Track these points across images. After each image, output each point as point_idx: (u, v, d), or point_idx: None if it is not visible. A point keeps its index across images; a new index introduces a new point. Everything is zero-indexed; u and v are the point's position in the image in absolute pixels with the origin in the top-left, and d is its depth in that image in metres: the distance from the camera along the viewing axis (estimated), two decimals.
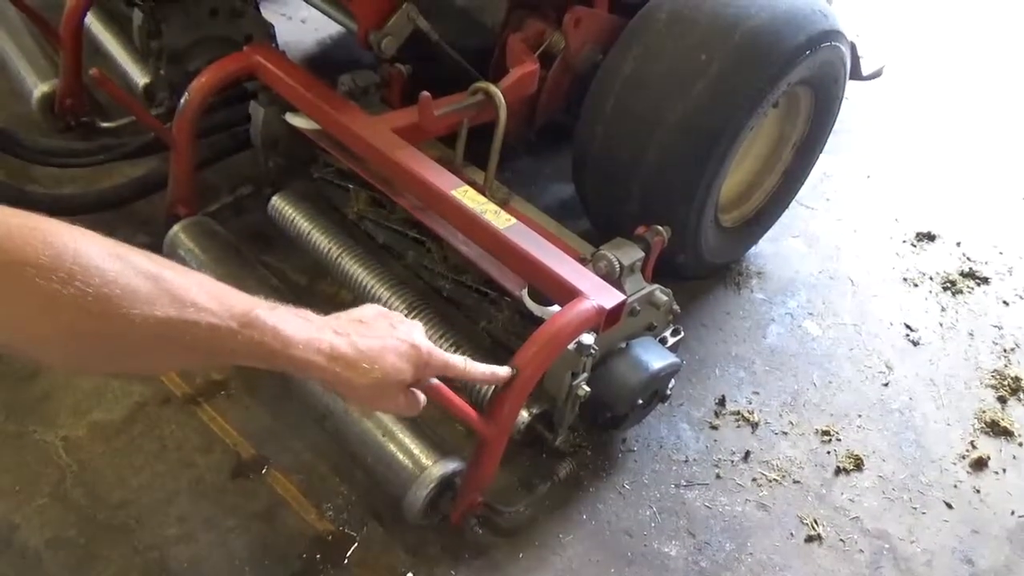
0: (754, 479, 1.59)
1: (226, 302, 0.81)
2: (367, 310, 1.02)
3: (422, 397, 1.05)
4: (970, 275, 2.19)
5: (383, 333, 0.98)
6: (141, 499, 1.40)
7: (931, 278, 2.17)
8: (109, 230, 0.73)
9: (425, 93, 1.56)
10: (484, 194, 1.51)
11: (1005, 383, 1.87)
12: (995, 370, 1.91)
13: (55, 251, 0.67)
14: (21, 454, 1.44)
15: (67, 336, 0.70)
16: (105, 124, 2.08)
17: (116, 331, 0.72)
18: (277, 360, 0.86)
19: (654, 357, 1.43)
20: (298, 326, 0.88)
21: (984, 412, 1.80)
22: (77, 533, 1.34)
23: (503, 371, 1.18)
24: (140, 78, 2.03)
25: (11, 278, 0.65)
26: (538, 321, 1.31)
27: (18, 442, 1.46)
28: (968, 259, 2.25)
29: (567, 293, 1.30)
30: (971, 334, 2.00)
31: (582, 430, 1.57)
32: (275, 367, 0.88)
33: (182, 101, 1.68)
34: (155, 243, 1.75)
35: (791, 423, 1.71)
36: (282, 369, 0.89)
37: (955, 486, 1.64)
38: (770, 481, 1.59)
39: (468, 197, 1.45)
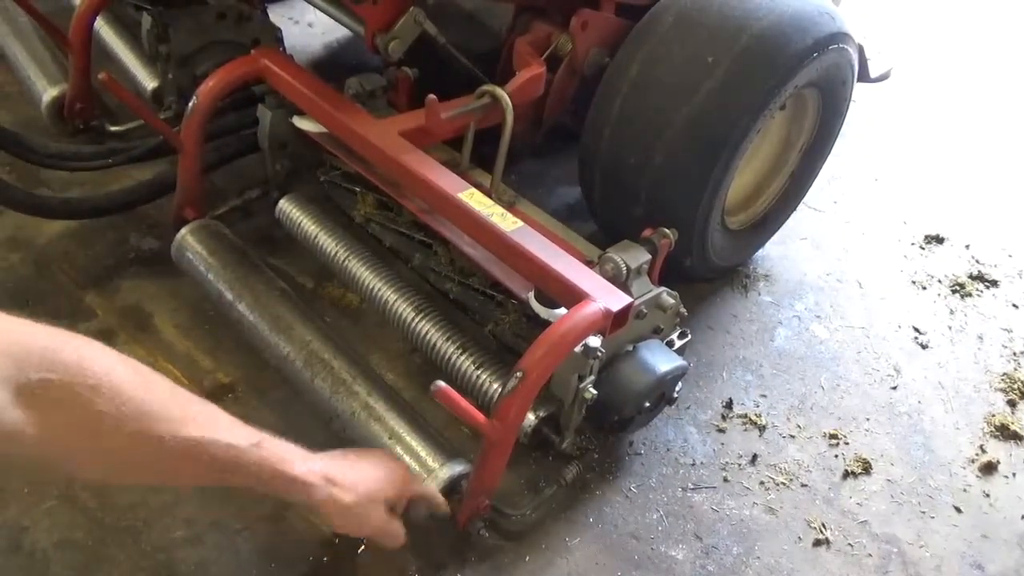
0: (761, 482, 1.58)
1: (240, 427, 0.94)
2: (348, 452, 1.18)
3: (401, 530, 1.20)
4: (979, 278, 2.18)
5: (362, 464, 1.14)
6: (149, 501, 1.40)
7: (940, 281, 2.16)
8: (118, 233, 0.75)
9: (432, 96, 1.57)
10: (490, 197, 1.51)
11: (1015, 387, 1.86)
12: (1004, 373, 1.90)
13: (100, 374, 0.75)
14: None
15: (106, 451, 0.78)
16: (114, 128, 2.09)
17: (149, 447, 0.81)
18: (278, 479, 0.98)
19: (661, 360, 1.42)
20: (293, 450, 1.02)
21: (994, 416, 1.79)
22: (85, 535, 1.35)
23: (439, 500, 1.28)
24: (149, 82, 2.05)
25: (65, 398, 0.72)
26: (544, 324, 1.31)
27: None
28: (977, 262, 2.24)
29: (574, 296, 1.30)
30: (980, 337, 1.99)
31: (589, 433, 1.56)
32: (276, 489, 1.00)
33: (190, 105, 1.69)
34: (163, 246, 1.76)
35: (799, 426, 1.71)
36: (282, 491, 1.01)
37: (964, 490, 1.63)
38: (778, 484, 1.59)
39: (474, 200, 1.45)
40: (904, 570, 1.47)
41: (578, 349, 1.27)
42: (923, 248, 2.27)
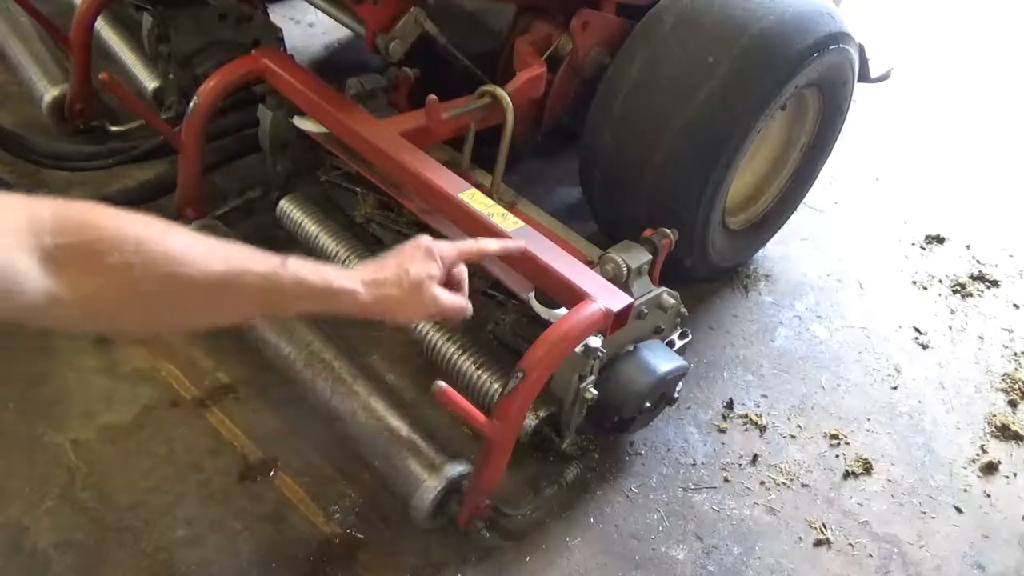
0: (762, 483, 1.58)
1: (261, 254, 0.92)
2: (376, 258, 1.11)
3: (466, 303, 1.12)
4: (979, 278, 2.18)
5: (393, 256, 1.07)
6: (149, 502, 1.40)
7: (940, 281, 2.16)
8: None
9: (432, 96, 1.57)
10: (491, 197, 1.51)
11: (1016, 387, 1.86)
12: (1005, 374, 1.90)
13: (116, 227, 0.76)
14: (31, 456, 1.45)
15: (142, 301, 0.80)
16: (115, 128, 2.09)
17: (181, 288, 0.81)
18: (320, 296, 0.95)
19: (661, 360, 1.42)
20: (320, 266, 0.98)
21: (994, 416, 1.79)
22: (86, 535, 1.35)
23: (514, 244, 1.26)
24: (149, 82, 2.05)
25: (90, 256, 0.74)
26: (545, 324, 1.31)
27: (28, 444, 1.47)
28: (977, 262, 2.24)
29: (574, 296, 1.30)
30: (981, 337, 1.99)
31: (589, 433, 1.56)
32: (321, 304, 0.97)
33: (191, 105, 1.69)
34: None
35: (799, 426, 1.71)
36: (327, 306, 0.97)
37: (965, 490, 1.63)
38: (778, 485, 1.59)
39: (475, 200, 1.45)
40: (905, 570, 1.47)
41: (579, 349, 1.27)
42: (924, 248, 2.27)
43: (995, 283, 2.17)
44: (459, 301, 1.10)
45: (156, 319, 0.86)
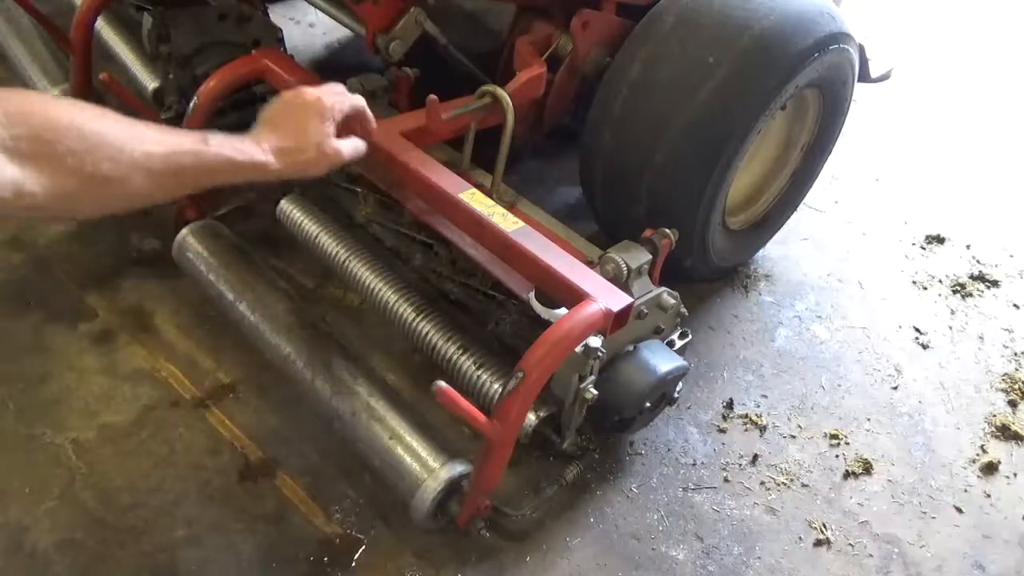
0: (762, 483, 1.58)
1: (187, 133, 1.04)
2: (275, 103, 1.23)
3: (358, 142, 1.29)
4: (980, 278, 2.18)
5: (289, 117, 1.20)
6: (150, 502, 1.40)
7: (940, 281, 2.16)
8: (120, 233, 0.76)
9: (432, 96, 1.57)
10: (491, 197, 1.51)
11: (1016, 387, 1.86)
12: (1005, 374, 1.90)
13: (64, 118, 0.86)
14: (31, 456, 1.45)
15: (96, 183, 0.89)
16: None
17: (127, 171, 0.92)
18: (240, 169, 1.09)
19: (661, 360, 1.42)
20: (237, 139, 1.11)
21: (995, 416, 1.79)
22: (86, 535, 1.35)
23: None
24: (150, 82, 2.04)
25: (42, 146, 0.82)
26: (545, 324, 1.31)
27: (28, 444, 1.47)
28: (978, 262, 2.24)
29: (574, 296, 1.30)
30: (981, 337, 1.99)
31: (589, 433, 1.56)
32: (242, 177, 1.11)
33: (191, 105, 1.69)
34: (164, 246, 1.76)
35: (799, 427, 1.71)
36: (247, 178, 1.11)
37: (965, 490, 1.63)
38: (778, 485, 1.59)
39: (475, 200, 1.45)
40: (905, 570, 1.47)
41: (579, 349, 1.27)
42: (924, 248, 2.27)
43: (995, 283, 2.17)
44: (356, 146, 1.27)
45: (106, 203, 0.95)
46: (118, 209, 1.18)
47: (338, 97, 1.26)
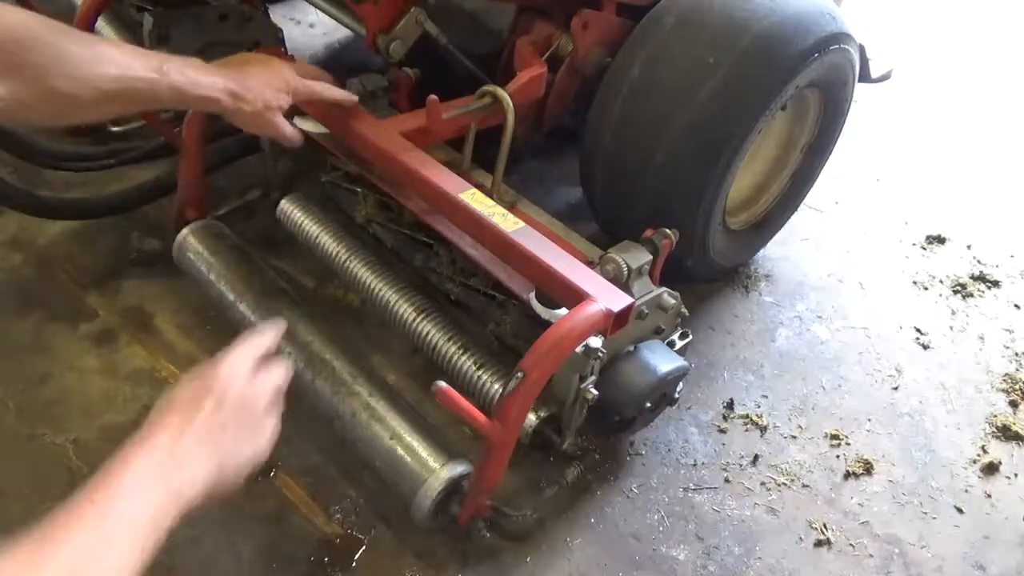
0: (763, 483, 1.58)
1: (147, 57, 1.09)
2: (247, 56, 1.36)
3: (297, 132, 1.39)
4: (980, 278, 2.17)
5: (263, 73, 1.30)
6: None
7: (941, 281, 2.16)
8: (120, 233, 0.75)
9: (433, 96, 1.57)
10: (492, 197, 1.51)
11: (1016, 387, 1.86)
12: (1006, 374, 1.89)
13: (24, 32, 0.92)
14: (32, 457, 1.45)
15: (50, 95, 0.95)
16: (115, 128, 2.09)
17: (78, 89, 0.98)
18: (192, 99, 1.16)
19: (662, 360, 1.42)
20: (200, 71, 1.17)
21: (995, 416, 1.79)
22: None
23: (341, 94, 1.50)
24: None
25: (4, 53, 0.90)
26: (545, 324, 1.31)
27: (29, 445, 1.47)
28: (978, 262, 2.24)
29: (574, 296, 1.30)
30: (982, 338, 1.99)
31: (590, 434, 1.57)
32: (190, 105, 1.24)
33: None
34: (165, 246, 1.76)
35: (800, 427, 1.71)
36: (195, 107, 1.26)
37: (966, 491, 1.63)
38: (779, 485, 1.58)
39: (476, 200, 1.45)
40: (906, 571, 1.47)
41: (579, 349, 1.27)
42: (925, 248, 2.27)
43: (996, 283, 2.17)
44: (293, 135, 1.38)
45: (61, 113, 1.02)
46: (70, 122, 1.27)
47: (302, 80, 1.38)
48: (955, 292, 2.12)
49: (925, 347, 1.95)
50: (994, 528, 1.56)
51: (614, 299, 1.30)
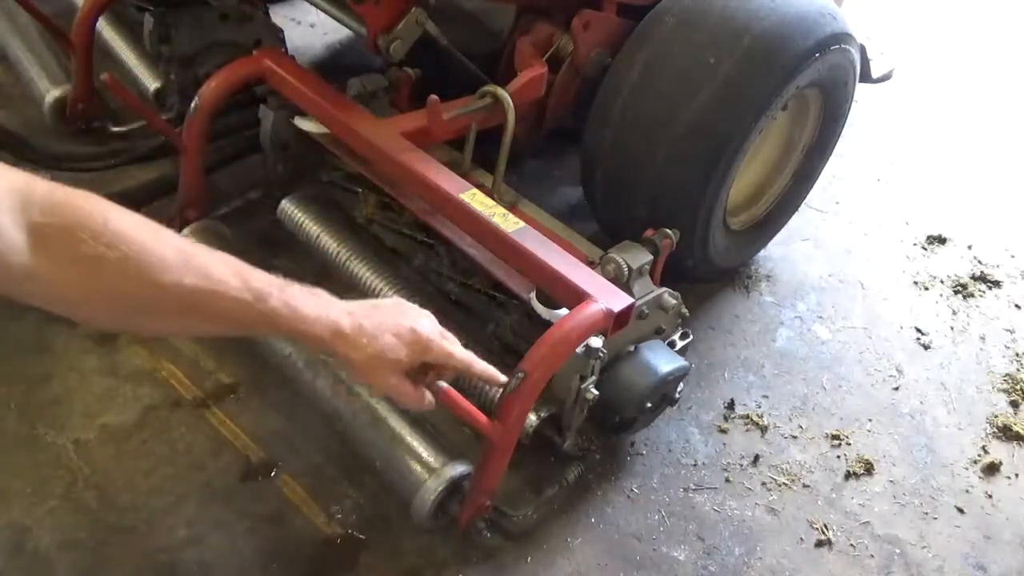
0: (763, 483, 1.58)
1: (246, 278, 0.90)
2: (386, 300, 1.12)
3: (430, 397, 1.10)
4: (981, 278, 2.17)
5: (388, 316, 1.05)
6: (151, 502, 1.40)
7: (942, 281, 2.16)
8: None
9: (433, 97, 1.57)
10: (492, 197, 1.51)
11: (1017, 387, 1.86)
12: (1007, 374, 1.89)
13: (102, 219, 0.77)
14: (33, 457, 1.45)
15: (108, 296, 0.80)
16: (116, 128, 2.09)
17: (148, 295, 0.81)
18: (288, 331, 0.96)
19: (663, 360, 1.42)
20: (308, 302, 0.98)
21: (996, 416, 1.78)
22: (88, 536, 1.35)
23: (501, 377, 1.19)
24: (151, 83, 2.05)
25: (68, 240, 0.75)
26: (546, 324, 1.31)
27: (30, 445, 1.47)
28: (979, 262, 2.23)
29: (575, 296, 1.30)
30: (983, 338, 1.99)
31: (590, 434, 1.56)
32: (288, 337, 1.03)
33: (192, 105, 1.69)
34: None
35: (801, 427, 1.70)
36: (293, 339, 1.02)
37: (967, 491, 1.62)
38: (780, 485, 1.58)
39: (476, 200, 1.45)
40: (906, 571, 1.47)
41: (580, 350, 1.27)
42: (925, 248, 2.26)
43: (997, 283, 2.17)
44: (416, 397, 1.07)
45: (121, 317, 0.86)
46: (130, 331, 1.08)
47: (438, 347, 1.07)
48: (956, 292, 2.12)
49: (926, 347, 1.95)
50: (995, 528, 1.56)
51: (615, 299, 1.30)
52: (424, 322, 1.07)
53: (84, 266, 0.76)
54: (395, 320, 1.04)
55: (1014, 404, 1.82)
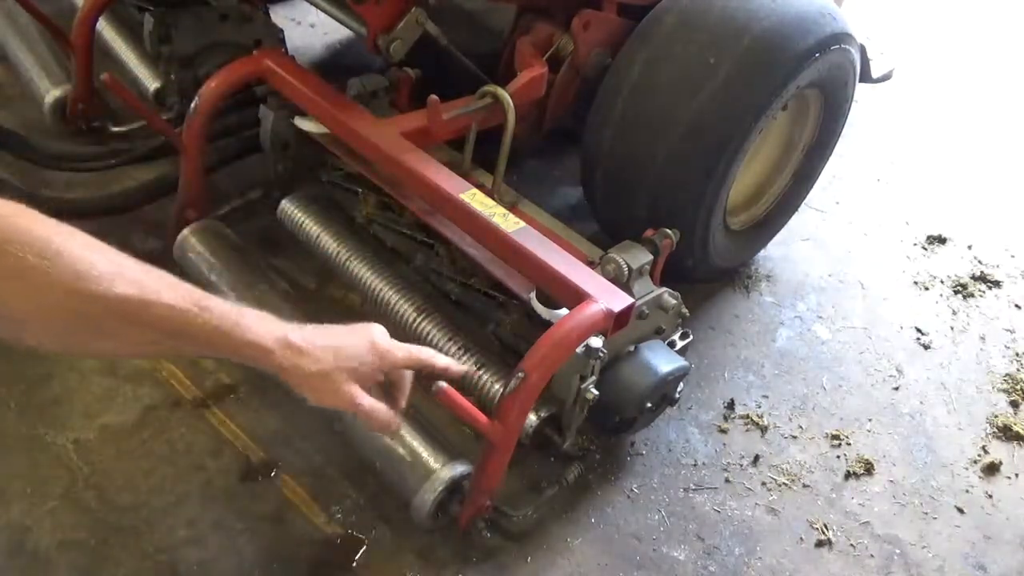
0: (763, 483, 1.58)
1: (187, 291, 0.87)
2: (333, 326, 1.06)
3: (396, 417, 1.07)
4: (981, 278, 2.17)
5: (340, 332, 1.03)
6: (151, 502, 1.40)
7: (942, 281, 2.16)
8: (121, 233, 0.75)
9: (433, 97, 1.57)
10: (492, 197, 1.51)
11: (1017, 387, 1.86)
12: (1007, 374, 1.89)
13: (32, 231, 0.75)
14: (33, 457, 1.45)
15: (46, 312, 0.77)
16: (116, 128, 2.09)
17: (85, 308, 0.78)
18: (232, 344, 0.91)
19: (663, 360, 1.42)
20: (256, 317, 0.94)
21: (996, 416, 1.78)
22: (88, 536, 1.35)
23: (462, 368, 1.19)
24: (151, 83, 2.05)
25: (2, 254, 0.72)
26: (546, 324, 1.31)
27: (30, 445, 1.47)
28: (979, 262, 2.23)
29: (575, 296, 1.30)
30: (982, 338, 1.99)
31: (590, 434, 1.56)
32: (229, 354, 0.93)
33: (192, 105, 1.69)
34: (166, 246, 1.76)
35: (801, 427, 1.70)
36: (236, 356, 0.94)
37: (967, 491, 1.62)
38: (780, 485, 1.58)
39: (476, 200, 1.45)
40: (906, 571, 1.47)
41: (580, 350, 1.27)
42: (925, 249, 2.27)
43: (997, 283, 2.17)
44: (380, 410, 1.04)
45: (64, 336, 0.82)
46: (71, 352, 1.02)
47: (399, 351, 1.07)
48: (956, 292, 2.12)
49: (926, 347, 1.95)
50: (995, 528, 1.56)
51: (615, 299, 1.30)
52: (377, 332, 1.06)
53: (19, 281, 0.74)
54: (347, 333, 1.03)
55: (1014, 404, 1.82)
